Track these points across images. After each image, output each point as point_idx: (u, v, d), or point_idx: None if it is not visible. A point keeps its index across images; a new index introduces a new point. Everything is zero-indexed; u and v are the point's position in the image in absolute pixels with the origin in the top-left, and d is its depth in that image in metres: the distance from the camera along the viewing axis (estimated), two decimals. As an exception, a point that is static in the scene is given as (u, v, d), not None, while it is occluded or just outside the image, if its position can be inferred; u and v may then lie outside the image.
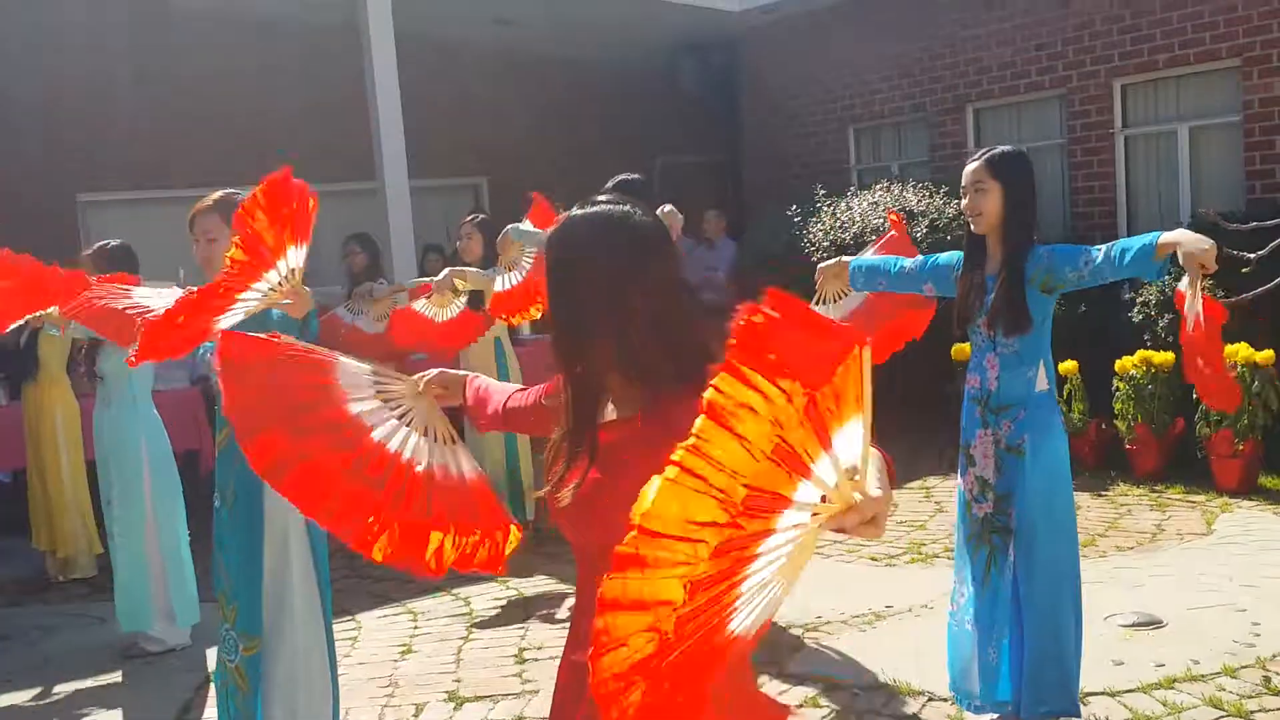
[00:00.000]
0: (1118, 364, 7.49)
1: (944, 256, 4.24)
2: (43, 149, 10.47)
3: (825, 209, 9.54)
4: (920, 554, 6.25)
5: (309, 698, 3.92)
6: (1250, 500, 6.83)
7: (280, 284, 3.12)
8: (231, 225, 3.66)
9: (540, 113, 12.83)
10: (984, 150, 4.03)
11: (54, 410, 6.72)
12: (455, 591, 6.23)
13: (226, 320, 3.13)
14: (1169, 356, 7.30)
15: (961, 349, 7.78)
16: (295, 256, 3.16)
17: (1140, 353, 7.47)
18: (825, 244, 9.12)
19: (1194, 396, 7.13)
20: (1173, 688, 4.39)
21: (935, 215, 8.98)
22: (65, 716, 4.91)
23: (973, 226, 3.99)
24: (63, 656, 5.66)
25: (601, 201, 2.11)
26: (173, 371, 7.69)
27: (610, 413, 2.11)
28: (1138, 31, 8.90)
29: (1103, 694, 4.35)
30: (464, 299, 6.65)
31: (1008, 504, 3.99)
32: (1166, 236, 3.61)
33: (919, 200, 9.17)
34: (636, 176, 6.29)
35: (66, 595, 6.73)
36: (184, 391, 7.95)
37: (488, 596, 6.13)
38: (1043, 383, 4.00)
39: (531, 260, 6.10)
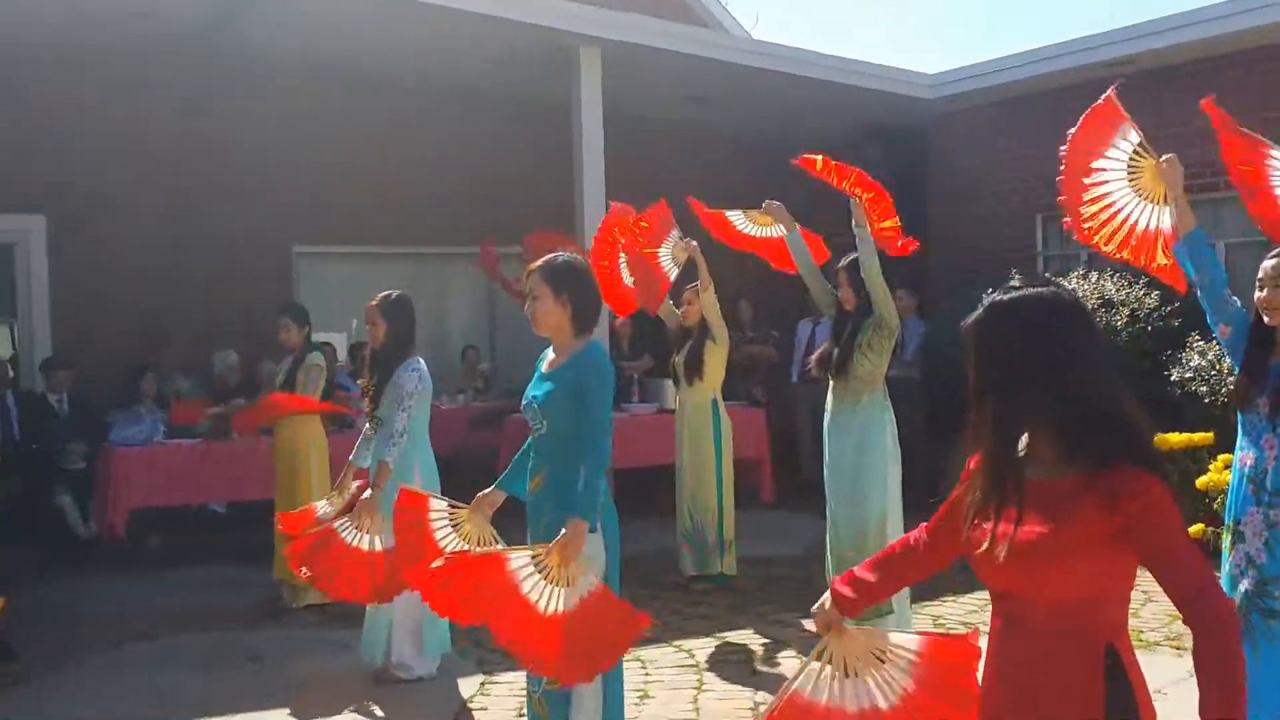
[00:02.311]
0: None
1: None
2: (266, 205, 11.13)
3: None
4: (1141, 641, 6.25)
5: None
6: None
7: None
8: (549, 284, 4.04)
9: (725, 188, 13.10)
10: None
11: (307, 446, 7.13)
12: (678, 644, 6.42)
13: None
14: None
15: (1165, 439, 7.78)
16: None
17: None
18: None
19: None
20: None
21: (1135, 305, 9.03)
22: (334, 737, 5.21)
23: (1266, 319, 4.11)
24: (314, 680, 5.99)
25: (1020, 286, 2.29)
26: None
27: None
28: (1349, 133, 8.88)
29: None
30: None
31: (1277, 587, 4.05)
32: None
33: (1118, 290, 9.22)
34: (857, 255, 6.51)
35: (301, 622, 7.09)
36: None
37: (710, 650, 6.31)
38: None
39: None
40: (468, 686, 5.78)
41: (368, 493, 5.41)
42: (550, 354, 4.26)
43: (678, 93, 11.65)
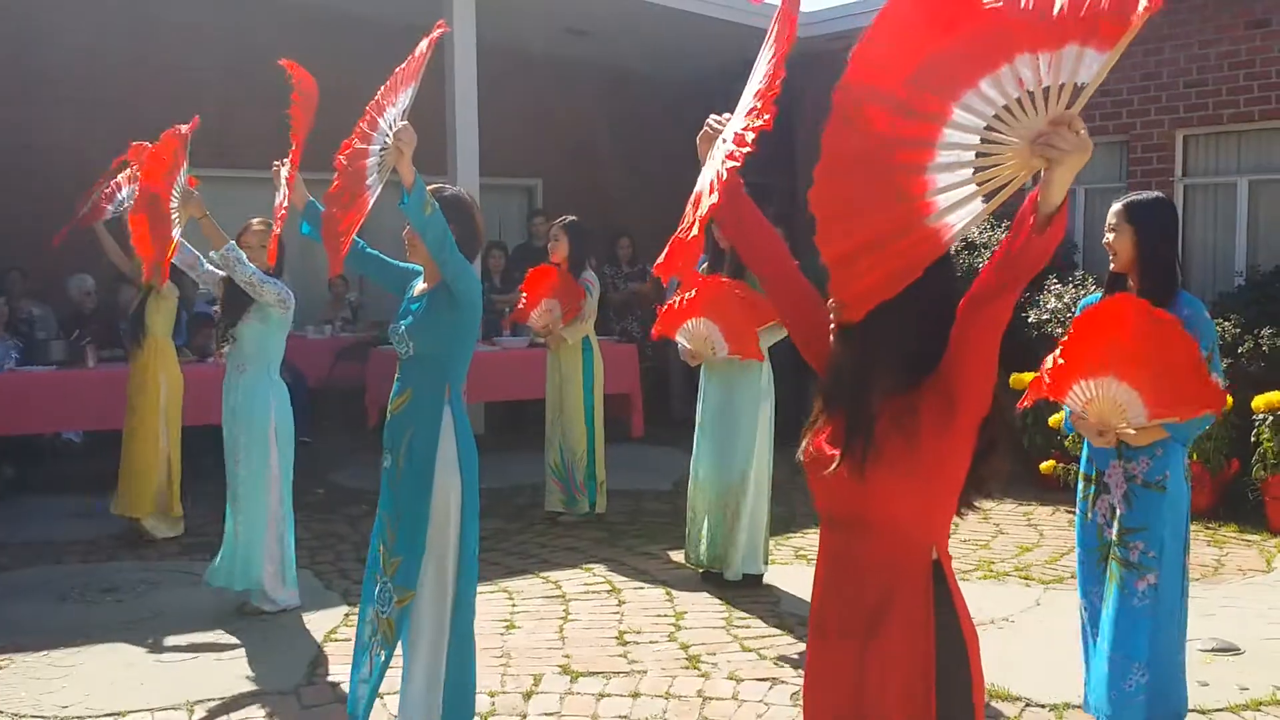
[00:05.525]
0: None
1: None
2: (124, 131, 10.66)
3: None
4: (991, 571, 6.49)
5: (455, 657, 4.11)
6: (1304, 543, 7.12)
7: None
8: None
9: (597, 121, 13.12)
10: (1127, 195, 4.29)
11: (158, 376, 6.93)
12: (544, 575, 6.47)
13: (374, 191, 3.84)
14: (1228, 401, 7.60)
15: (1020, 379, 8.03)
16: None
17: (1199, 395, 7.75)
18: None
19: (1251, 440, 7.45)
20: (1260, 710, 4.64)
21: (995, 248, 9.25)
22: (196, 669, 5.12)
23: (1111, 264, 4.27)
24: (174, 611, 5.87)
25: None
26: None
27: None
28: (1203, 86, 9.22)
29: (1193, 711, 4.58)
30: None
31: (1135, 536, 4.20)
32: None
33: (980, 232, 9.45)
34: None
35: (160, 553, 6.94)
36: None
37: (576, 581, 6.36)
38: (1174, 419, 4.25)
39: None
40: (332, 618, 5.73)
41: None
42: (420, 283, 4.23)
43: (556, 24, 11.50)
